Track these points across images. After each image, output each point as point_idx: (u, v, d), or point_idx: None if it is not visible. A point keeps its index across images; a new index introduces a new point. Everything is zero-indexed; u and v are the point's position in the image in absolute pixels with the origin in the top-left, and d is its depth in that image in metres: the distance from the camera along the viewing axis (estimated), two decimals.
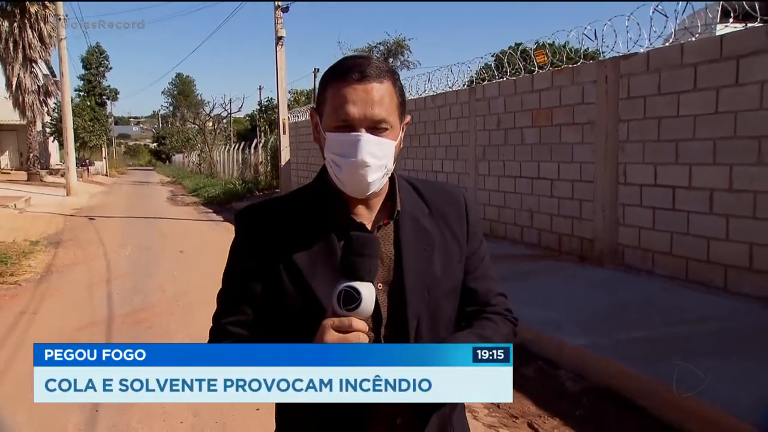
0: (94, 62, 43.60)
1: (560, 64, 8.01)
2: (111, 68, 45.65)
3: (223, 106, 35.47)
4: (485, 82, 9.44)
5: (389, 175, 1.23)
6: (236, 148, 29.22)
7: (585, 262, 7.43)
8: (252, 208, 1.30)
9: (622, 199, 6.95)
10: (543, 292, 6.24)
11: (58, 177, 27.89)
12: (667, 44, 6.55)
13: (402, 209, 1.26)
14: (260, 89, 50.22)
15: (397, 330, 1.22)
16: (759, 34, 5.35)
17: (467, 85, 10.02)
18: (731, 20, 6.06)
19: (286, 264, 1.20)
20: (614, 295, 6.01)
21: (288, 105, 30.60)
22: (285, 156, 16.12)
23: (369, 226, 1.25)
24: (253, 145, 24.53)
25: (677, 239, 6.23)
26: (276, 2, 14.76)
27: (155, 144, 67.49)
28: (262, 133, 29.20)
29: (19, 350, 5.16)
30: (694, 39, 6.28)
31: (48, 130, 33.51)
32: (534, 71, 8.46)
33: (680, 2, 6.29)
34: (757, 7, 5.45)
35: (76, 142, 33.30)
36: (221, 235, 13.20)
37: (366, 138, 1.14)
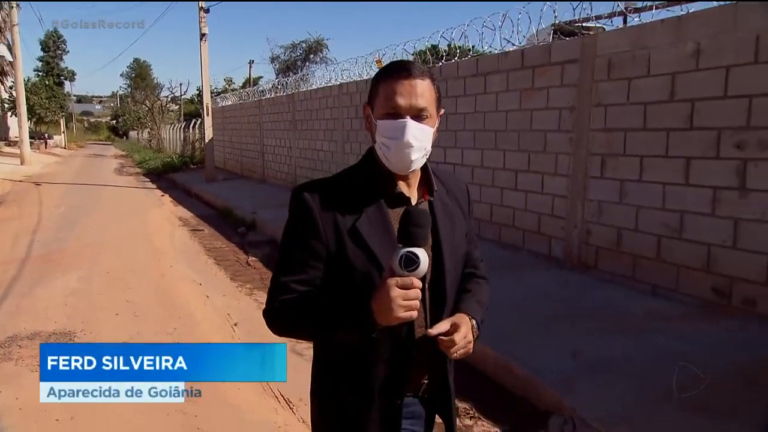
0: (52, 45, 41.98)
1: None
2: (68, 51, 43.98)
3: (170, 89, 35.30)
4: (348, 81, 10.49)
5: (427, 156, 1.28)
6: (180, 127, 29.35)
7: None
8: (308, 184, 1.32)
9: None
10: None
11: (15, 148, 27.26)
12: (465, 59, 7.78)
13: (437, 190, 1.34)
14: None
15: (436, 284, 1.31)
16: (543, 50, 6.62)
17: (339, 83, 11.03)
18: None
19: (349, 229, 1.24)
20: None
21: (224, 90, 30.92)
22: (209, 134, 16.81)
23: (413, 201, 1.32)
24: (191, 124, 24.84)
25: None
26: (199, 4, 15.30)
27: (114, 121, 65.38)
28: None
29: None
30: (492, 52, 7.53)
31: (6, 105, 32.52)
32: None
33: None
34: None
35: (33, 117, 32.45)
36: (149, 198, 13.92)
37: (411, 123, 1.21)
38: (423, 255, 1.12)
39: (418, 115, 1.22)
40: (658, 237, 4.80)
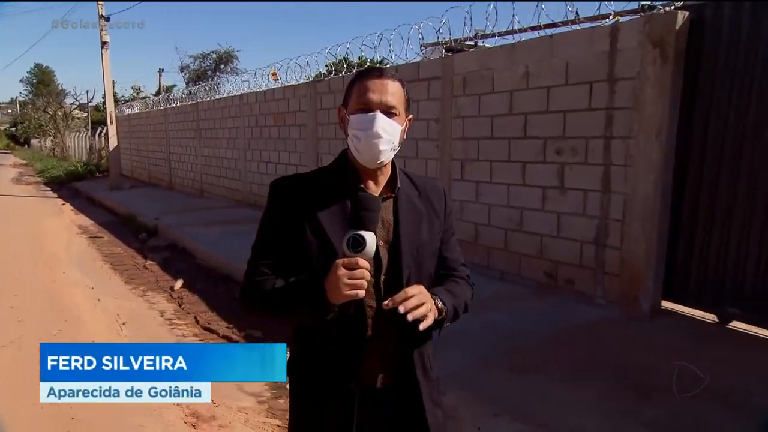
0: None
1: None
2: None
3: (75, 96, 33.16)
4: (248, 92, 10.58)
5: (395, 152, 1.31)
6: (86, 135, 27.70)
7: None
8: (282, 179, 1.37)
9: None
10: None
11: None
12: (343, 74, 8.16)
13: (400, 187, 1.36)
14: (114, 83, 46.72)
15: (393, 278, 1.30)
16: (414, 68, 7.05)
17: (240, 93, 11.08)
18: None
19: (310, 220, 1.28)
20: None
21: (132, 99, 29.55)
22: (113, 143, 16.14)
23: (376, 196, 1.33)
24: (98, 132, 23.58)
25: None
26: (98, 11, 14.68)
27: (13, 128, 60.08)
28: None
29: None
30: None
31: None
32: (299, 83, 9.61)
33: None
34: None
35: None
36: (47, 207, 13.15)
37: (380, 116, 1.24)
38: (370, 237, 1.14)
39: (388, 112, 1.26)
40: (505, 230, 5.40)
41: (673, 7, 4.01)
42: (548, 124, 4.80)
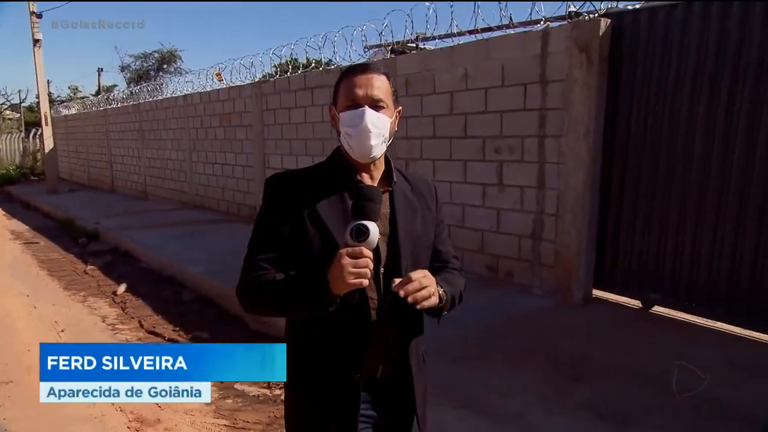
0: None
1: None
2: None
3: (6, 96, 31.21)
4: (192, 92, 10.31)
5: (386, 145, 1.32)
6: (19, 136, 26.12)
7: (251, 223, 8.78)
8: (278, 175, 1.36)
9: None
10: (203, 243, 7.30)
11: None
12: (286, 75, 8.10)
13: (396, 182, 1.37)
14: (48, 82, 44.21)
15: (392, 269, 1.29)
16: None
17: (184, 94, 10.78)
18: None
19: (310, 214, 1.27)
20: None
21: (69, 99, 28.14)
22: (49, 145, 15.30)
23: None
24: (32, 134, 22.30)
25: None
26: (29, 7, 13.90)
27: None
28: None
29: None
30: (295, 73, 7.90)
31: None
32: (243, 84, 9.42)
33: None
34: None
35: None
36: None
37: (369, 111, 1.25)
38: (372, 226, 1.14)
39: (376, 105, 1.26)
40: (448, 226, 5.50)
41: (596, 15, 4.23)
42: (487, 123, 4.96)
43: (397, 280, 1.20)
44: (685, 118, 3.90)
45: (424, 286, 1.20)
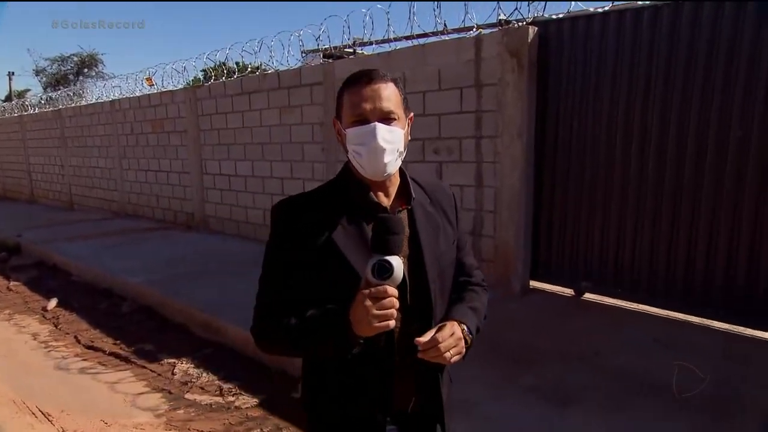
0: None
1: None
2: None
3: None
4: (121, 97, 9.82)
5: (401, 159, 1.19)
6: None
7: (190, 230, 8.51)
8: (285, 201, 1.22)
9: (205, 184, 8.20)
10: (139, 252, 7.00)
11: None
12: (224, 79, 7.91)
13: (415, 197, 1.24)
14: None
15: (419, 296, 1.19)
16: (295, 73, 6.94)
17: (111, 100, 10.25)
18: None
19: (325, 244, 1.14)
20: (189, 248, 7.10)
21: None
22: None
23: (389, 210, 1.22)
24: None
25: (233, 210, 7.71)
26: None
27: None
28: None
29: None
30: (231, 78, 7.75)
31: None
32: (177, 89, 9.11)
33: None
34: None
35: None
36: None
37: (380, 126, 1.12)
38: (397, 262, 1.02)
39: (386, 118, 1.13)
40: None
41: (525, 23, 4.46)
42: (426, 126, 5.08)
43: (422, 340, 1.12)
44: (605, 124, 4.18)
45: (452, 346, 1.13)
